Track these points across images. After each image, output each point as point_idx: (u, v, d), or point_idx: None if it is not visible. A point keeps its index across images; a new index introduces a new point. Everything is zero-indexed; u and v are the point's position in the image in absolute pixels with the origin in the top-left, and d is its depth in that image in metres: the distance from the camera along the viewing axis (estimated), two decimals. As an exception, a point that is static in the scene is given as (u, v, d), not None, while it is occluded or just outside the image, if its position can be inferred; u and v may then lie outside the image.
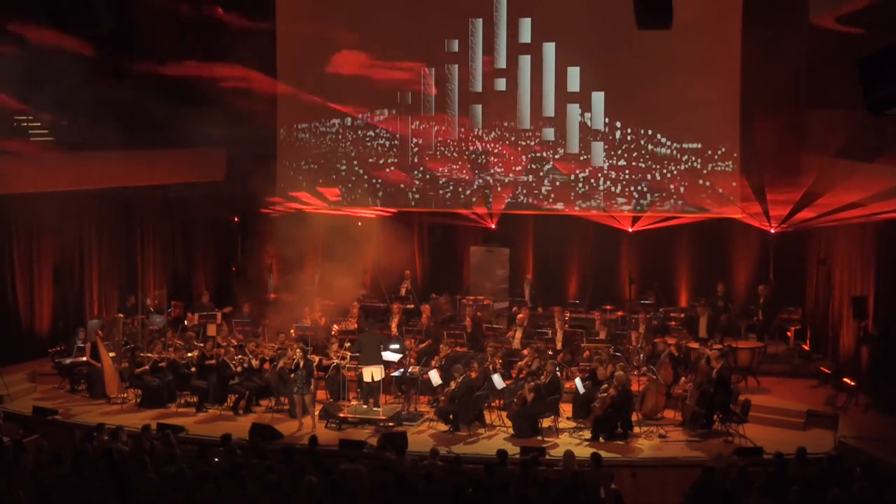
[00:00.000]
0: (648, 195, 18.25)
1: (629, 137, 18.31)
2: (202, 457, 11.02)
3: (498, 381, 14.22)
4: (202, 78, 18.61)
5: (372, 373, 14.54)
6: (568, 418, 14.28)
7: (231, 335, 16.66)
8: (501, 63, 18.82)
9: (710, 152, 17.95)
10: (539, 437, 13.54)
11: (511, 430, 13.78)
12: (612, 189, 18.45)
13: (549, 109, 18.65)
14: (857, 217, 14.89)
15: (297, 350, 14.36)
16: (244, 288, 19.32)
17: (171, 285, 19.32)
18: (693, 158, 18.06)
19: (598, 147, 18.50)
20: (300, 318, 17.19)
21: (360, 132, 19.59)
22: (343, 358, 15.14)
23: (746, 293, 17.83)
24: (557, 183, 18.72)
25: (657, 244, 18.60)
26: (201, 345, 15.74)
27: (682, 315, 16.95)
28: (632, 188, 18.35)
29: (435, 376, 14.51)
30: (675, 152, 18.13)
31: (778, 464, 10.76)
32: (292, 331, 16.48)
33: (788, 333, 16.67)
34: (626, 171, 18.37)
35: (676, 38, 15.50)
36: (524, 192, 18.88)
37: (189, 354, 15.35)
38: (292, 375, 14.15)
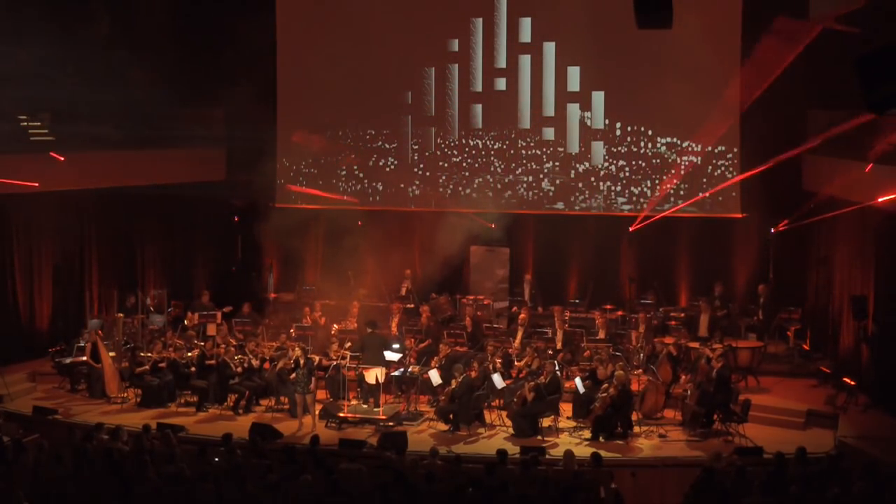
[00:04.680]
0: (648, 195, 18.27)
1: (629, 137, 18.31)
2: (202, 457, 11.02)
3: (498, 380, 14.22)
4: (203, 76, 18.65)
5: (376, 375, 14.52)
6: (568, 418, 14.28)
7: (231, 335, 16.65)
8: (501, 63, 18.82)
9: (710, 151, 17.96)
10: (539, 437, 13.54)
11: (511, 430, 13.78)
12: (612, 189, 18.46)
13: (549, 109, 18.66)
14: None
15: (298, 349, 14.35)
16: (244, 288, 19.34)
17: (171, 285, 19.31)
18: (693, 158, 18.07)
19: (598, 147, 18.50)
20: (300, 318, 17.19)
21: (359, 132, 19.59)
22: (343, 358, 15.15)
23: (746, 293, 17.82)
24: (557, 183, 18.72)
25: (657, 244, 18.59)
26: (201, 344, 15.74)
27: (682, 315, 16.95)
28: (632, 188, 18.35)
29: (435, 376, 14.51)
30: (675, 152, 18.13)
31: (778, 463, 10.76)
32: (292, 331, 16.49)
33: (788, 333, 16.66)
34: (626, 171, 18.38)
35: (677, 37, 15.51)
36: (524, 192, 18.88)
37: (189, 354, 15.36)
38: (293, 375, 14.15)
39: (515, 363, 15.24)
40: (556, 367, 14.32)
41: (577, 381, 14.13)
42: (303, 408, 14.12)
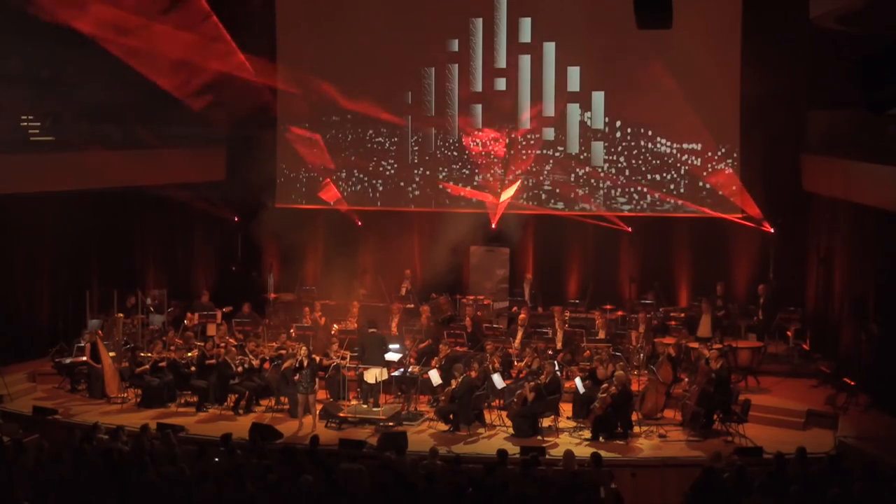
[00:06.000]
0: (648, 195, 18.26)
1: (629, 137, 18.31)
2: (202, 457, 11.02)
3: (498, 380, 14.21)
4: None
5: (375, 375, 14.52)
6: (568, 418, 14.28)
7: (231, 335, 16.65)
8: (501, 63, 18.82)
9: (710, 152, 17.97)
10: (539, 437, 13.54)
11: (511, 430, 13.77)
12: (612, 189, 18.46)
13: (549, 109, 18.66)
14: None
15: (303, 349, 14.35)
16: (244, 288, 19.34)
17: (171, 285, 19.32)
18: (693, 158, 18.07)
19: (598, 147, 18.51)
20: (300, 318, 17.20)
21: (359, 132, 19.60)
22: (343, 358, 15.15)
23: (746, 293, 17.82)
24: (557, 183, 18.72)
25: (657, 244, 18.60)
26: (201, 344, 15.74)
27: (682, 315, 16.94)
28: (632, 188, 18.35)
29: (435, 376, 14.51)
30: (675, 152, 18.13)
31: (778, 464, 10.76)
32: (292, 331, 16.50)
33: (788, 333, 16.66)
34: (626, 171, 18.38)
35: (677, 38, 15.54)
36: (524, 191, 18.88)
37: (189, 354, 15.36)
38: (297, 376, 14.14)
39: (515, 363, 15.24)
40: (556, 368, 14.32)
41: (577, 381, 14.13)
42: (304, 408, 14.11)
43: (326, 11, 19.32)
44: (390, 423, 13.90)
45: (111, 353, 15.60)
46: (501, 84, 18.86)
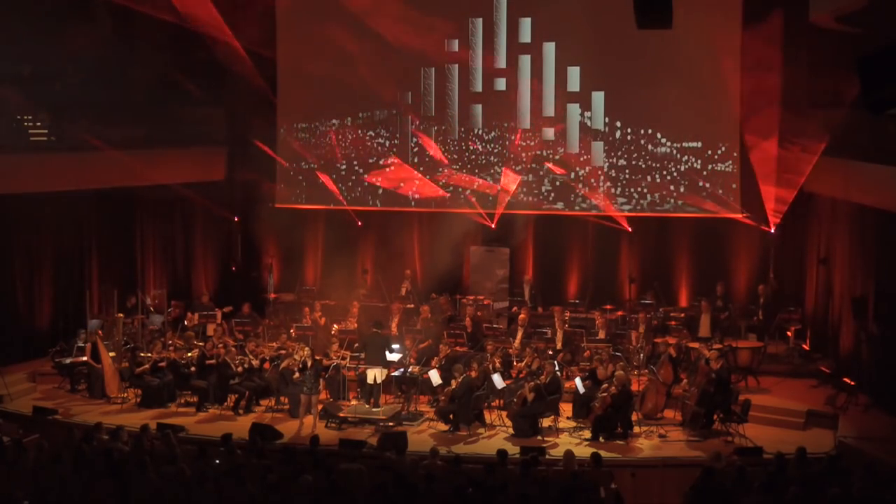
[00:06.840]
0: (648, 195, 18.25)
1: (629, 137, 18.30)
2: (202, 457, 11.02)
3: (498, 380, 14.22)
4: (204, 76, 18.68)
5: (375, 375, 14.53)
6: (568, 418, 14.29)
7: (230, 335, 16.65)
8: (501, 63, 18.81)
9: (710, 152, 17.95)
10: (539, 437, 13.54)
11: (511, 430, 13.78)
12: (612, 189, 18.45)
13: (549, 109, 18.65)
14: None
15: (305, 350, 14.35)
16: (244, 288, 19.35)
17: (171, 285, 19.33)
18: (693, 158, 18.06)
19: (598, 147, 18.50)
20: (300, 318, 17.20)
21: (359, 132, 19.59)
22: (343, 358, 15.15)
23: (746, 293, 17.82)
24: (557, 183, 18.71)
25: (657, 244, 18.60)
26: (201, 344, 15.74)
27: (682, 315, 16.94)
28: (632, 188, 18.34)
29: (435, 376, 14.51)
30: (675, 152, 18.12)
31: (778, 464, 10.77)
32: (292, 331, 16.50)
33: (788, 333, 16.66)
34: (626, 171, 18.37)
35: (676, 37, 15.53)
36: (524, 192, 18.87)
37: (189, 354, 15.36)
38: (296, 375, 14.13)
39: (515, 363, 15.25)
40: (556, 368, 14.32)
41: (577, 381, 14.13)
42: (306, 408, 14.10)
43: (326, 11, 19.32)
44: (390, 423, 13.91)
45: (111, 353, 15.60)
46: (501, 84, 18.84)
